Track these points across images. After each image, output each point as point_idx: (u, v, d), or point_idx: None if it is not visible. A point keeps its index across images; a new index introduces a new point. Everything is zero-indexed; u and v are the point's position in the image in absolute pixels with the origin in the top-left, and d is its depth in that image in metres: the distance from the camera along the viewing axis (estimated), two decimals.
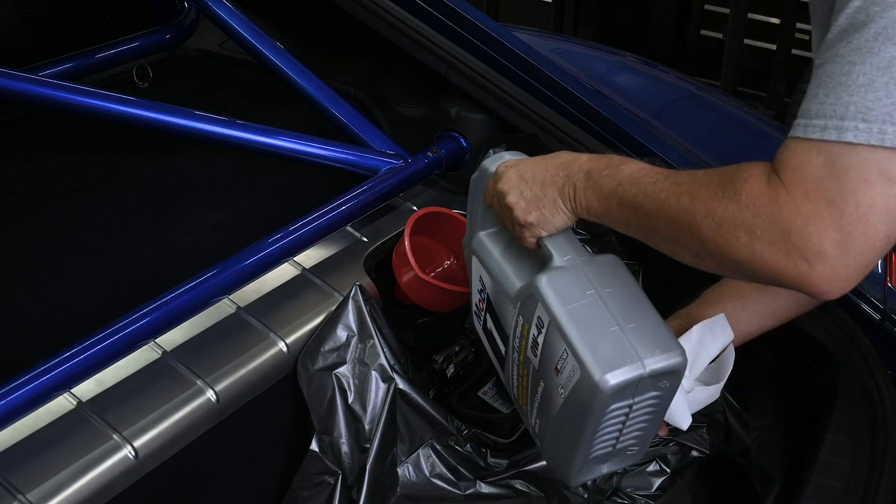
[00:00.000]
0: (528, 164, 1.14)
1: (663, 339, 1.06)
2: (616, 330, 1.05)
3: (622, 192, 1.01)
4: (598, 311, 1.08)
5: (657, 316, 1.09)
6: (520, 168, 1.14)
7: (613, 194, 1.02)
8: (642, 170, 1.01)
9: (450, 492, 1.44)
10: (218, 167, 1.84)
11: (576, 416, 1.09)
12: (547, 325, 1.10)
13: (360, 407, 1.40)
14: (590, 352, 1.04)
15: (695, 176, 0.94)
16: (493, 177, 1.19)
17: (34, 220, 1.70)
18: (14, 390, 1.14)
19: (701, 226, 0.90)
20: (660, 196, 0.96)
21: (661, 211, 0.95)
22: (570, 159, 1.10)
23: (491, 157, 1.24)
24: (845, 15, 0.83)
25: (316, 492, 1.37)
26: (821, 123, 0.82)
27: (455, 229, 1.65)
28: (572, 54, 2.12)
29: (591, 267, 1.12)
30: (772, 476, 1.31)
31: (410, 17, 1.75)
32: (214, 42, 2.27)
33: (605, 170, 1.04)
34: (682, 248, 0.95)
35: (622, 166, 1.03)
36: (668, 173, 0.98)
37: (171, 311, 1.30)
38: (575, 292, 1.09)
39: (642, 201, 0.98)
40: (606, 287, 1.10)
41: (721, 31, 3.72)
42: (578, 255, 1.14)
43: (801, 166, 0.83)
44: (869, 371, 1.25)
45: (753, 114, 2.07)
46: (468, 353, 1.65)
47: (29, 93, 1.63)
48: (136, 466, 1.19)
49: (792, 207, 0.83)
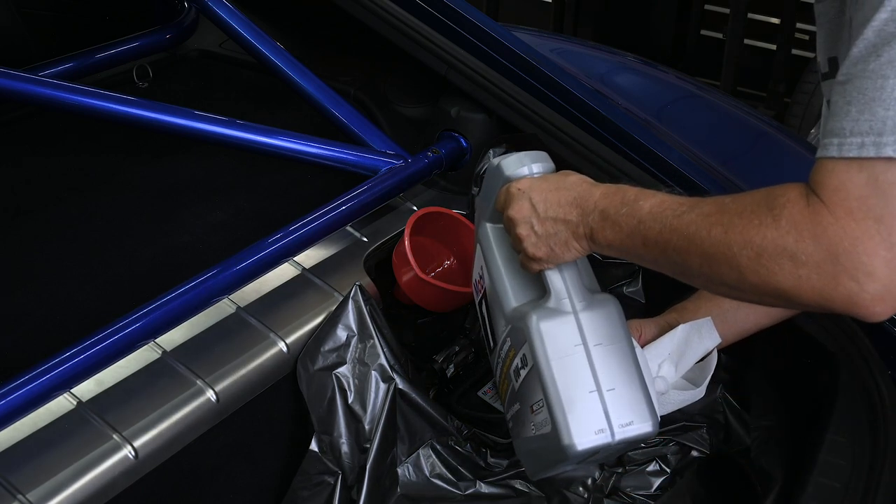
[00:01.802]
0: (540, 192, 1.09)
1: (639, 407, 1.07)
2: (594, 394, 1.06)
3: (645, 229, 0.97)
4: (582, 369, 1.08)
5: (638, 377, 1.09)
6: (533, 196, 1.09)
7: (636, 232, 0.98)
8: (661, 203, 0.97)
9: (450, 492, 1.44)
10: (218, 167, 1.84)
11: (543, 451, 1.12)
12: (530, 367, 1.11)
13: (360, 407, 1.40)
14: (563, 414, 1.06)
15: (722, 204, 0.91)
16: (506, 195, 1.13)
17: (34, 220, 1.70)
18: (14, 390, 1.14)
19: (739, 257, 0.87)
20: (689, 230, 0.92)
21: (693, 246, 0.92)
22: (582, 194, 1.05)
23: (509, 160, 1.17)
24: (872, 29, 0.81)
25: (316, 492, 1.37)
26: (857, 141, 0.80)
27: (455, 229, 1.65)
28: (572, 54, 2.12)
29: (586, 315, 1.10)
30: (772, 476, 1.31)
31: (410, 17, 1.75)
32: (214, 42, 2.26)
33: (621, 207, 1.00)
34: (719, 282, 0.92)
35: (640, 201, 0.99)
36: (691, 203, 0.94)
37: (171, 311, 1.30)
38: (563, 343, 1.09)
39: (669, 237, 0.94)
40: (596, 341, 1.09)
41: (721, 31, 3.72)
42: (577, 298, 1.11)
43: (843, 185, 0.81)
44: (869, 371, 1.25)
45: (753, 114, 2.07)
46: (468, 353, 1.65)
47: (29, 93, 1.63)
48: (136, 466, 1.19)
49: (837, 228, 0.81)
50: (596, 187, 1.06)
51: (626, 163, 1.55)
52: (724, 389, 1.50)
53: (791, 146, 1.92)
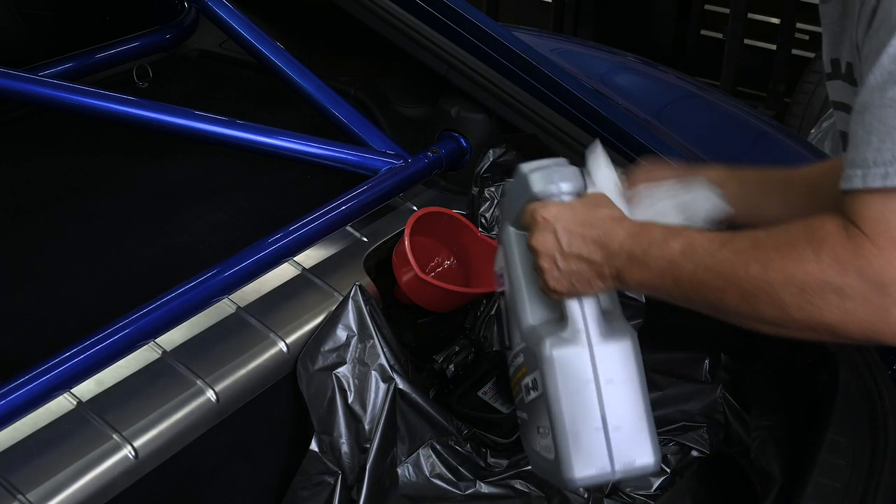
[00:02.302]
0: (565, 226, 1.04)
1: (643, 444, 1.08)
2: (600, 431, 1.07)
3: (677, 269, 0.95)
4: (590, 405, 1.07)
5: (646, 414, 1.09)
6: (558, 229, 1.04)
7: (667, 273, 0.96)
8: (691, 241, 0.95)
9: (450, 492, 1.44)
10: (218, 167, 1.84)
11: (545, 468, 1.14)
12: (540, 392, 1.11)
13: (360, 407, 1.40)
14: (567, 448, 1.07)
15: (757, 239, 0.89)
16: (531, 219, 1.08)
17: (34, 220, 1.70)
18: (14, 390, 1.14)
19: (781, 294, 0.85)
20: (724, 268, 0.90)
21: (730, 284, 0.90)
22: (607, 233, 1.02)
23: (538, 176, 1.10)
24: (888, 56, 0.80)
25: (316, 492, 1.37)
26: (881, 171, 0.80)
27: (455, 229, 1.66)
28: (572, 54, 2.12)
29: (601, 349, 1.09)
30: (772, 476, 1.31)
31: (410, 17, 1.75)
32: (214, 42, 2.26)
33: (649, 248, 0.98)
34: (760, 320, 0.90)
35: (668, 241, 0.96)
36: (723, 240, 0.92)
37: (171, 311, 1.30)
38: (575, 377, 1.08)
39: (704, 277, 0.92)
40: (608, 378, 1.08)
41: (721, 31, 3.72)
42: (594, 331, 1.09)
43: (883, 216, 0.80)
44: (869, 371, 1.25)
45: (753, 114, 2.07)
46: (468, 353, 1.65)
47: (29, 93, 1.63)
48: (136, 466, 1.19)
49: (882, 259, 0.80)
50: (620, 225, 1.02)
51: (626, 163, 1.55)
52: (724, 389, 1.50)
53: (791, 146, 1.92)
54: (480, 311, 1.73)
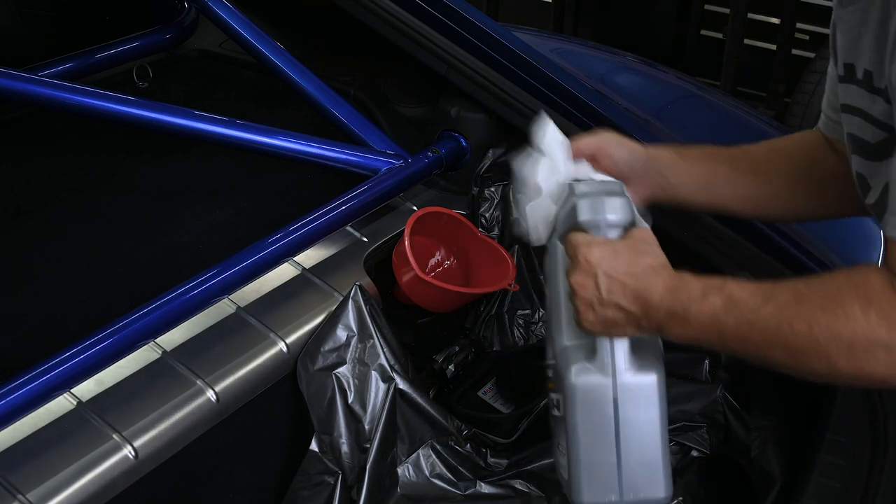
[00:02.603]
0: (605, 271, 1.01)
1: (655, 479, 1.09)
2: (613, 462, 1.08)
3: (720, 325, 0.94)
4: (608, 437, 1.08)
5: (662, 450, 1.10)
6: (598, 274, 1.02)
7: (709, 328, 0.95)
8: (732, 296, 0.93)
9: (450, 492, 1.44)
10: (218, 167, 1.83)
11: (561, 481, 1.16)
12: (561, 414, 1.13)
13: (360, 407, 1.40)
14: (579, 475, 1.09)
15: (799, 294, 0.89)
16: (573, 256, 1.06)
17: (34, 220, 1.70)
18: (14, 390, 1.14)
19: (829, 350, 0.85)
20: (768, 325, 0.90)
21: (776, 341, 0.89)
22: (646, 287, 1.00)
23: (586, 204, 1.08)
24: None
25: (316, 492, 1.37)
26: None
27: (455, 229, 1.66)
28: (572, 54, 2.12)
29: (624, 385, 1.09)
30: (772, 476, 1.31)
31: (410, 17, 1.75)
32: (214, 42, 2.26)
33: (689, 304, 0.96)
34: (807, 372, 0.90)
35: (708, 297, 0.95)
36: (764, 294, 0.91)
37: (171, 311, 1.30)
38: (596, 408, 1.09)
39: (748, 333, 0.92)
40: (629, 414, 1.08)
41: (721, 31, 3.72)
42: (621, 366, 1.08)
43: None
44: None
45: (753, 114, 2.07)
46: (468, 353, 1.65)
47: (29, 93, 1.63)
48: (136, 466, 1.19)
49: None
50: (659, 277, 1.00)
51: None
52: (723, 389, 1.50)
53: None
54: (480, 311, 1.73)
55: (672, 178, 1.21)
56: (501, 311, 1.73)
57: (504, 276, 1.59)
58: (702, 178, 1.22)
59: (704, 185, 1.22)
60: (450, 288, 1.54)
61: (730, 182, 1.22)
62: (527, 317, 1.73)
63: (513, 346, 1.71)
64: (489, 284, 1.62)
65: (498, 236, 1.72)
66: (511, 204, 1.73)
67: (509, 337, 1.72)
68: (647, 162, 1.22)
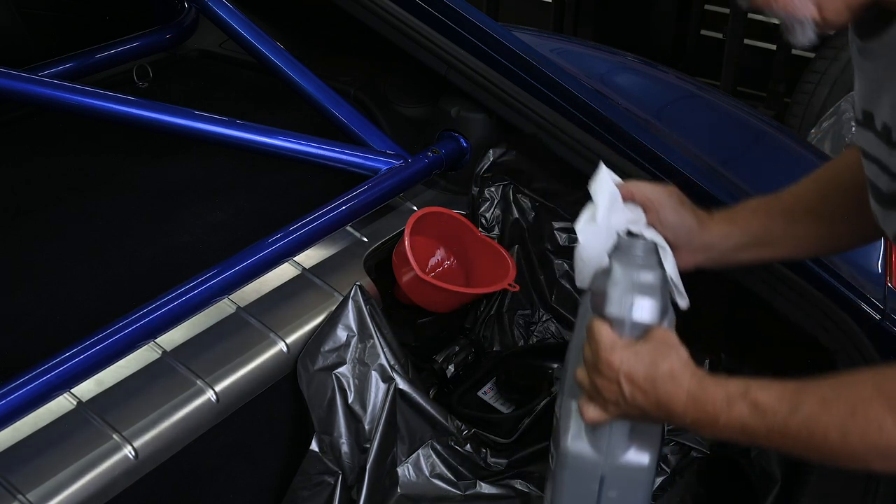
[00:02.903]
0: (628, 375, 1.01)
1: None
2: None
3: (750, 432, 0.94)
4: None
5: None
6: (621, 379, 1.02)
7: (740, 435, 0.96)
8: (756, 403, 0.93)
9: (450, 492, 1.44)
10: (218, 167, 1.83)
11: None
12: (552, 470, 1.15)
13: (360, 407, 1.40)
14: None
15: (825, 401, 0.89)
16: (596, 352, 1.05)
17: (34, 220, 1.70)
18: (14, 390, 1.14)
19: (865, 456, 0.87)
20: (800, 435, 0.90)
21: (810, 447, 0.91)
22: (670, 397, 0.99)
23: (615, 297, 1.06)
24: None
25: (316, 492, 1.37)
26: None
27: (455, 229, 1.66)
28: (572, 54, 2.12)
29: (613, 464, 1.10)
30: (772, 476, 1.31)
31: (410, 17, 1.74)
32: (214, 42, 2.26)
33: (717, 415, 0.96)
34: (843, 467, 0.93)
35: (733, 405, 0.94)
36: (791, 401, 0.91)
37: (171, 311, 1.30)
38: (583, 478, 1.11)
39: (780, 440, 0.93)
40: (613, 494, 1.10)
41: (721, 31, 3.72)
42: (616, 445, 1.10)
43: None
44: None
45: (753, 114, 2.07)
46: (468, 353, 1.65)
47: (29, 93, 1.63)
48: (136, 466, 1.19)
49: None
50: (679, 385, 0.99)
51: (626, 163, 1.55)
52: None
53: (791, 146, 1.92)
54: (480, 311, 1.73)
55: (722, 247, 1.20)
56: (501, 311, 1.73)
57: (504, 276, 1.59)
58: (755, 238, 1.20)
59: (757, 244, 1.20)
60: (450, 288, 1.54)
61: (786, 235, 1.20)
62: (527, 317, 1.73)
63: (513, 346, 1.71)
64: (489, 284, 1.62)
65: (498, 236, 1.72)
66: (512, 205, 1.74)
67: (509, 337, 1.72)
68: (698, 234, 1.18)
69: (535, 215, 1.73)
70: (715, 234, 1.19)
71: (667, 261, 1.13)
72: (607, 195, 1.15)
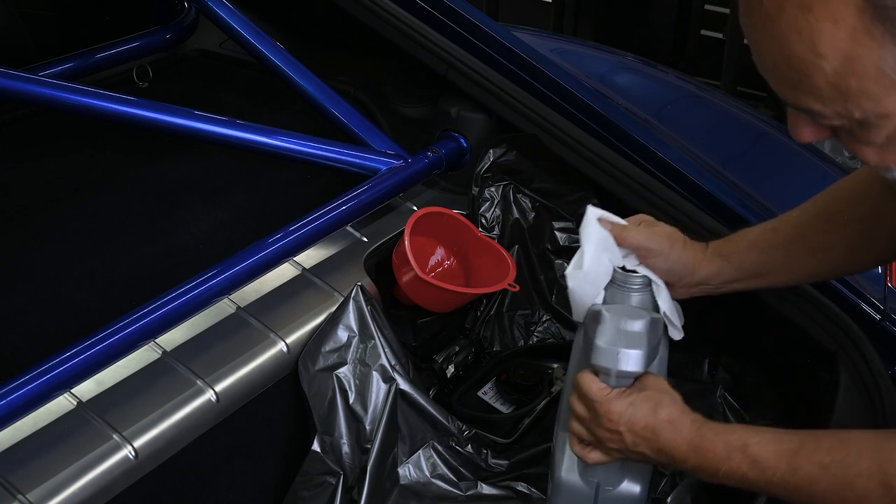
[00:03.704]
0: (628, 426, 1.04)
1: None
2: None
3: (750, 482, 0.98)
4: None
5: None
6: (622, 430, 1.05)
7: (740, 483, 0.98)
8: (755, 459, 0.96)
9: (451, 492, 1.44)
10: (218, 167, 1.83)
11: None
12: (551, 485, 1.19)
13: (361, 407, 1.40)
14: None
15: (824, 467, 0.91)
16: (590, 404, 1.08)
17: (34, 220, 1.70)
18: (14, 390, 1.14)
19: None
20: (800, 494, 0.93)
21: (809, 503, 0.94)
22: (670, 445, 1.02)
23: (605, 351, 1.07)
24: None
25: (317, 492, 1.37)
26: None
27: (455, 229, 1.65)
28: (572, 54, 2.12)
29: (607, 499, 1.15)
30: None
31: (410, 17, 1.74)
32: (214, 42, 2.26)
33: (718, 464, 0.99)
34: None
35: (732, 456, 0.97)
36: (790, 462, 0.94)
37: (171, 311, 1.30)
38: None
39: (781, 494, 0.96)
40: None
41: (721, 31, 3.72)
42: (608, 478, 1.14)
43: None
44: (869, 371, 1.25)
45: (753, 114, 2.07)
46: (468, 353, 1.65)
47: (29, 93, 1.63)
48: (136, 466, 1.19)
49: None
50: (678, 432, 1.02)
51: (626, 163, 1.55)
52: (723, 389, 1.50)
53: (791, 146, 1.92)
54: (480, 311, 1.73)
55: (716, 282, 1.20)
56: (501, 311, 1.73)
57: (504, 276, 1.59)
58: (750, 272, 1.20)
59: (753, 276, 1.20)
60: (450, 288, 1.54)
61: (783, 269, 1.20)
62: (527, 317, 1.73)
63: (513, 346, 1.71)
64: (489, 284, 1.61)
65: (498, 236, 1.72)
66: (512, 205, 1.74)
67: (509, 337, 1.72)
68: (691, 274, 1.18)
69: (535, 215, 1.73)
70: (708, 271, 1.18)
71: (660, 296, 1.15)
72: (594, 240, 1.15)
